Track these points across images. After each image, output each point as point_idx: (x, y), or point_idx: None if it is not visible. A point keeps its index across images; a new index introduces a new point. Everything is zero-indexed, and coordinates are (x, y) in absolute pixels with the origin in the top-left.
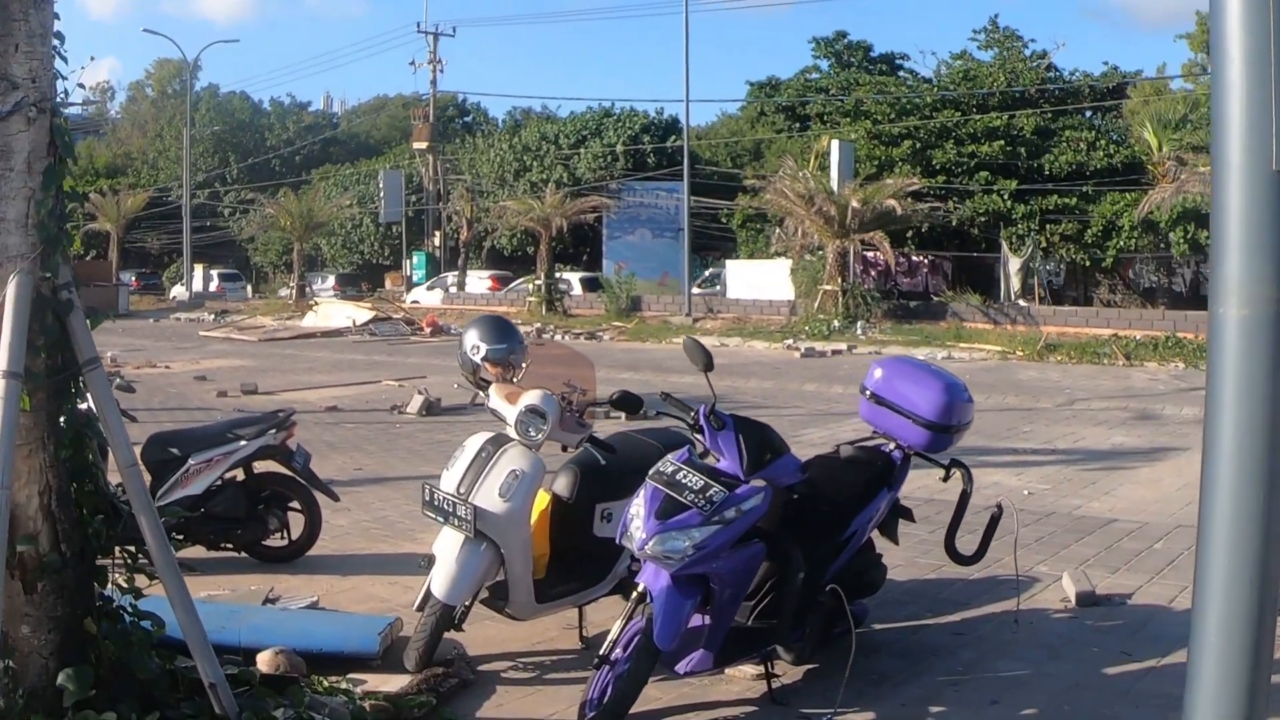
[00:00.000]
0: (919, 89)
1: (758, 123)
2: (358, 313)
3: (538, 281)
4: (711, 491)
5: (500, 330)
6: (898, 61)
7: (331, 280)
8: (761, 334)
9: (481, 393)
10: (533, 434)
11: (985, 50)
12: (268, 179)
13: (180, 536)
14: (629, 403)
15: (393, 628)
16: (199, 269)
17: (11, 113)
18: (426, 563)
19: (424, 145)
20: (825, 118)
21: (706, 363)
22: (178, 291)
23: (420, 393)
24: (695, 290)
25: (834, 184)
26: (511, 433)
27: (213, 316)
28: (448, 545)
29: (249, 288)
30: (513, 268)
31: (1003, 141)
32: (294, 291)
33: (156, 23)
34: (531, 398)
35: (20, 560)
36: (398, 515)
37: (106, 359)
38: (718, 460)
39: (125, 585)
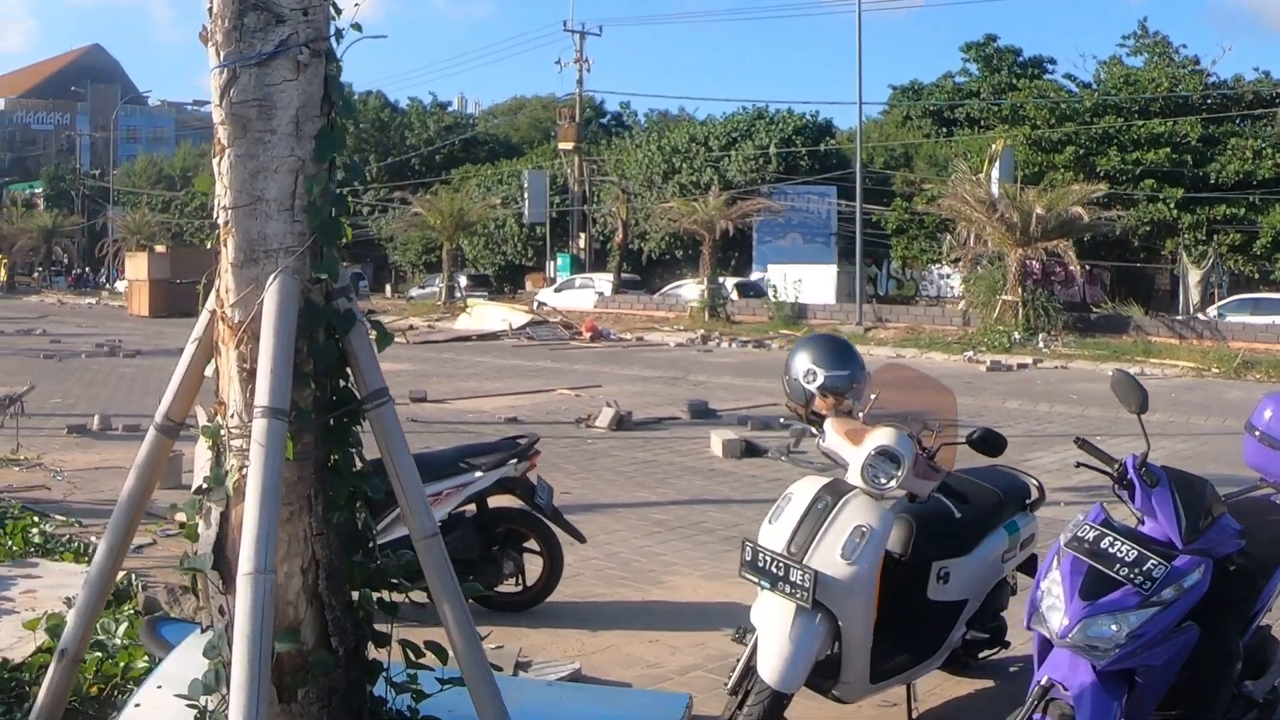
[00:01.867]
0: (1079, 94)
1: (902, 126)
2: (513, 315)
3: (700, 286)
4: (1149, 565)
5: (840, 353)
6: (1047, 66)
7: (463, 281)
8: (939, 345)
9: (814, 429)
10: (883, 482)
11: (1135, 56)
12: (406, 178)
13: (397, 580)
14: (992, 443)
15: (688, 710)
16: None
17: (275, 55)
18: (740, 633)
19: (569, 146)
20: (976, 122)
21: (1141, 403)
22: None
23: (609, 405)
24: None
25: (994, 188)
26: (854, 479)
27: None
28: (775, 617)
29: (388, 287)
30: (658, 272)
31: (1168, 149)
32: (442, 292)
33: None
34: (883, 437)
35: (278, 661)
36: (631, 552)
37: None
38: (1140, 522)
39: (402, 683)
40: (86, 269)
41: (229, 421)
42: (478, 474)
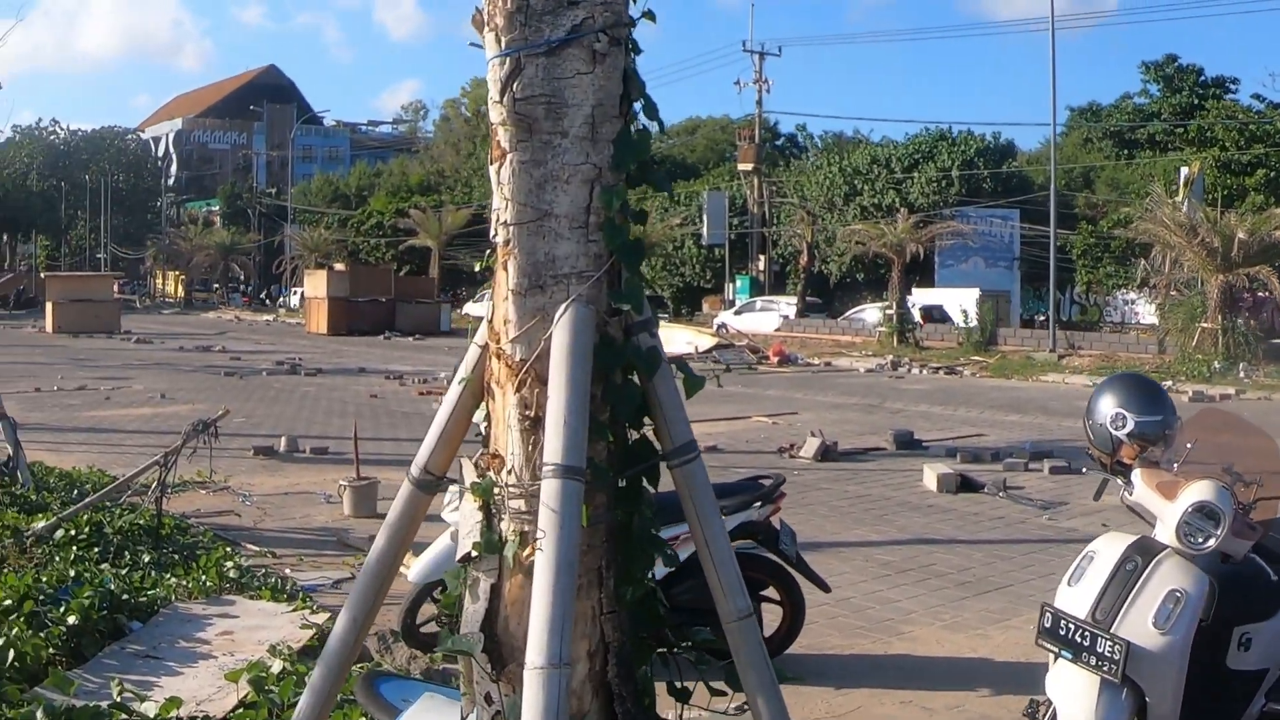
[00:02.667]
0: (1269, 114)
1: (1082, 148)
2: (699, 338)
3: (889, 311)
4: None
5: (1152, 396)
6: (1229, 85)
7: None
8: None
9: (1117, 479)
10: (1200, 541)
11: None
12: None
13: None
14: None
15: None
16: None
17: (567, 42)
18: (1032, 709)
19: (749, 167)
20: (1158, 144)
21: None
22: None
23: (814, 434)
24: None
25: (1189, 211)
26: (1166, 538)
27: None
28: (1075, 690)
29: None
30: (839, 295)
31: None
32: None
33: (446, 43)
34: (1200, 492)
35: None
36: (862, 598)
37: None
38: None
39: None
40: (269, 287)
41: (504, 478)
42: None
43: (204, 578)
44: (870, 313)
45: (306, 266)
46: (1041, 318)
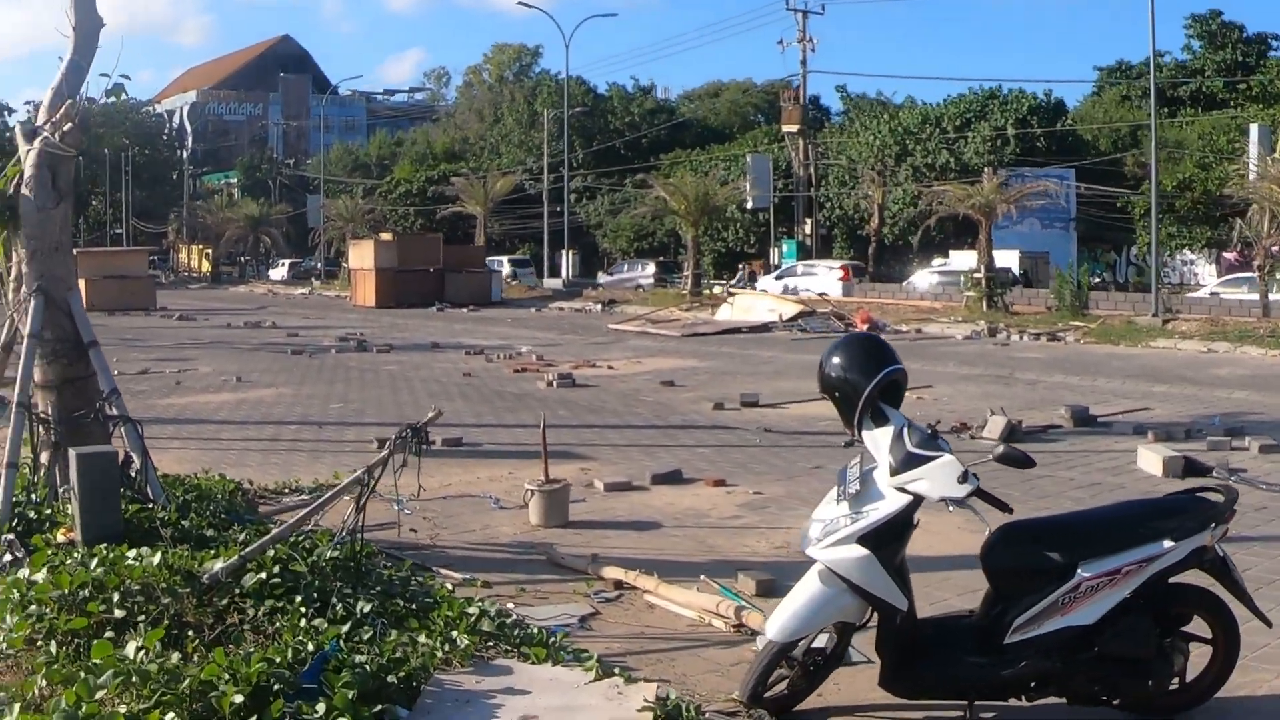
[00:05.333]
0: None
1: (1120, 106)
2: (783, 306)
3: (977, 275)
4: None
5: None
6: (1271, 42)
7: (651, 268)
8: (1250, 338)
9: None
10: None
11: None
12: (613, 164)
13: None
14: None
15: None
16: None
17: None
18: None
19: (794, 128)
20: (1200, 101)
21: None
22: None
23: (994, 412)
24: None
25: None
26: None
27: (600, 306)
28: None
29: (599, 274)
30: (886, 259)
31: None
32: (688, 281)
33: (449, 12)
34: None
35: None
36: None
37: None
38: None
39: None
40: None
41: None
42: (1166, 543)
43: (457, 635)
44: (921, 277)
45: (352, 237)
46: (1096, 280)
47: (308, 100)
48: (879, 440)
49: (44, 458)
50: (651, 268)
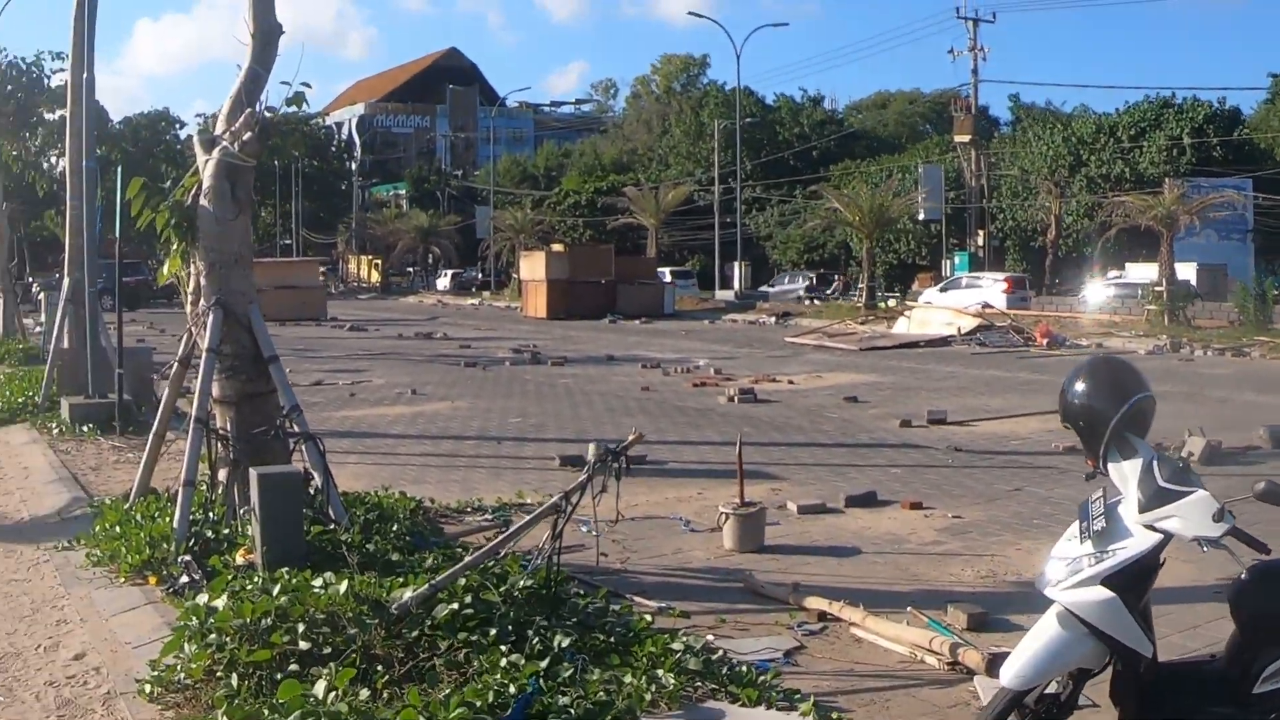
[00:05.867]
0: None
1: None
2: (960, 320)
3: (1158, 288)
4: None
5: None
6: None
7: (800, 282)
8: None
9: None
10: None
11: None
12: (781, 176)
13: None
14: None
15: None
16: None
17: None
18: None
19: (966, 138)
20: None
21: None
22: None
23: (1192, 432)
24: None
25: None
26: None
27: (773, 319)
28: None
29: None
30: (1055, 270)
31: None
32: (863, 294)
33: (612, 24)
34: None
35: None
36: None
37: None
38: None
39: None
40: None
41: None
42: None
43: (662, 674)
44: (1095, 289)
45: (523, 248)
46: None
47: (475, 112)
48: (1126, 473)
49: (222, 475)
50: (810, 280)
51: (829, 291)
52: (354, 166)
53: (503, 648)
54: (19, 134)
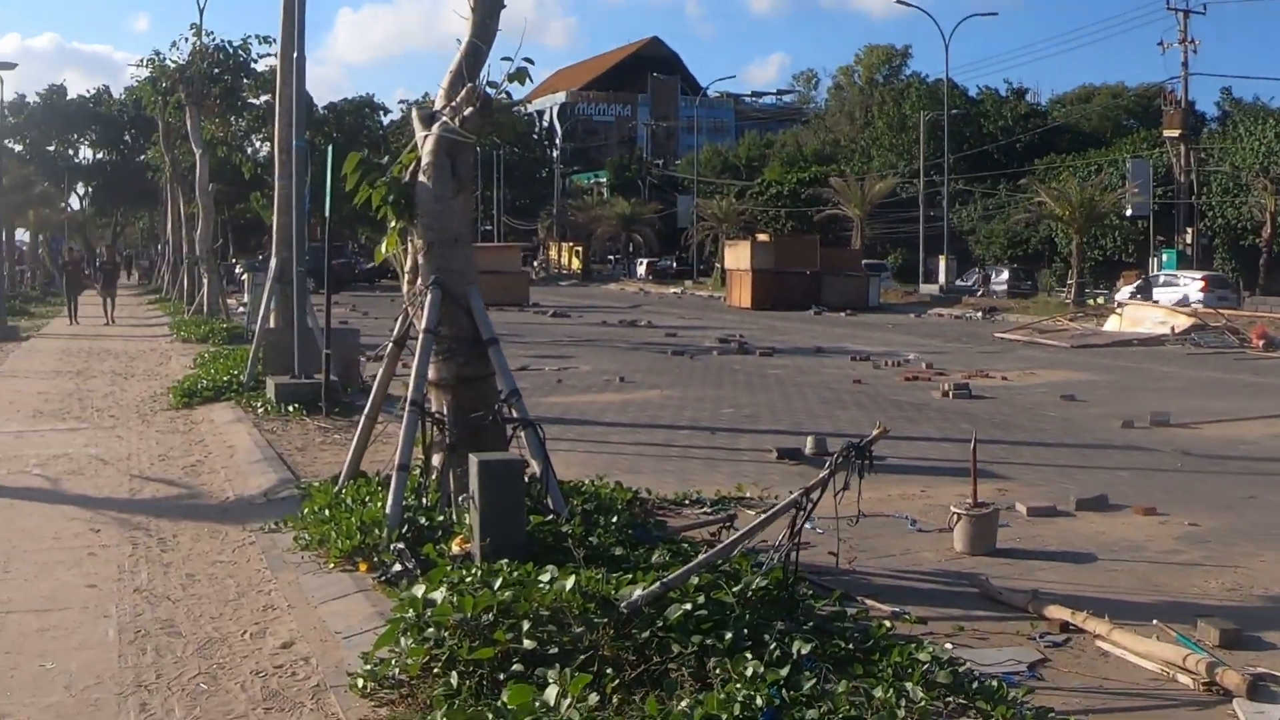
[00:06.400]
0: None
1: None
2: (1174, 319)
3: None
4: None
5: None
6: None
7: (1005, 275)
8: None
9: None
10: None
11: None
12: (985, 169)
13: None
14: None
15: None
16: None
17: None
18: None
19: (1175, 133)
20: None
21: None
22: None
23: None
24: None
25: None
26: None
27: (980, 314)
28: None
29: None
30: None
31: None
32: (1072, 290)
33: (811, 14)
34: None
35: None
36: None
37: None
38: None
39: None
40: (671, 261)
41: None
42: None
43: (908, 685)
44: None
45: (726, 238)
46: None
47: (676, 102)
48: None
49: (436, 460)
50: (1005, 275)
51: (1029, 285)
52: (555, 154)
53: (747, 654)
54: (225, 117)
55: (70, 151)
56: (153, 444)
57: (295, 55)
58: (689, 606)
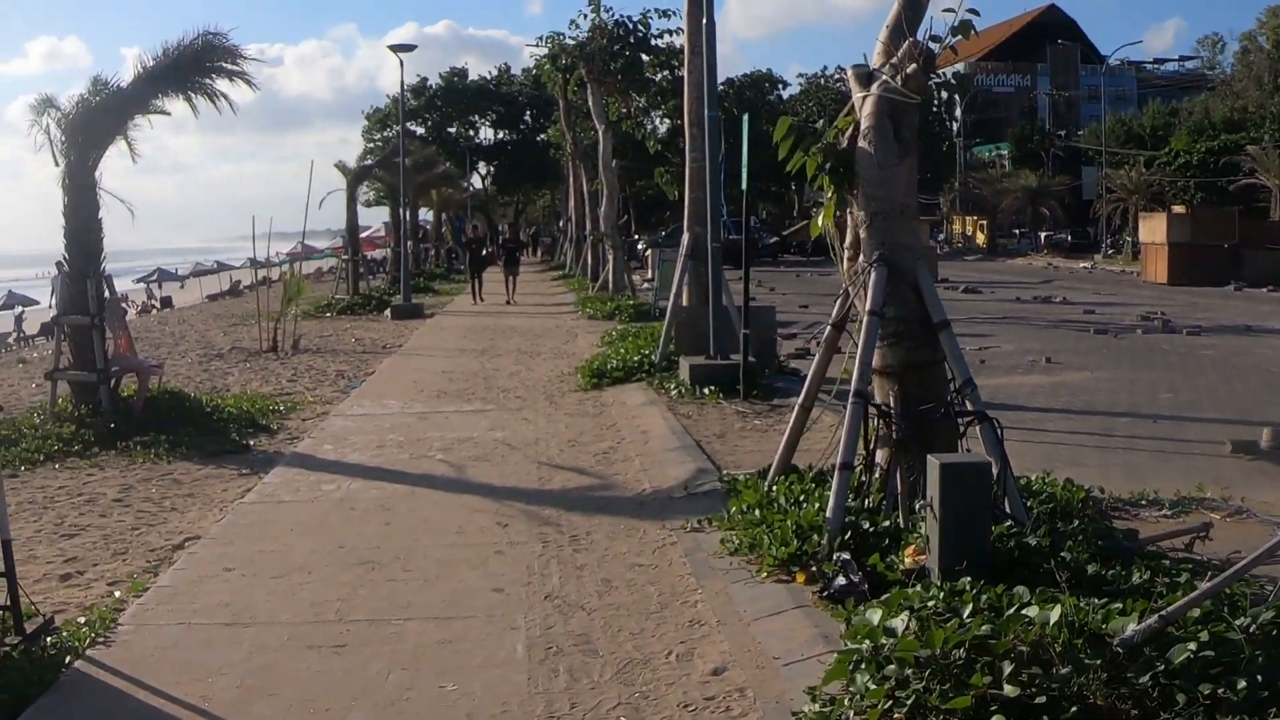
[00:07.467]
0: None
1: None
2: None
3: None
4: None
5: None
6: None
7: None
8: None
9: None
10: None
11: None
12: None
13: None
14: None
15: None
16: None
17: None
18: None
19: None
20: None
21: None
22: None
23: None
24: None
25: None
26: None
27: None
28: None
29: None
30: None
31: None
32: None
33: None
34: None
35: None
36: None
37: None
38: None
39: None
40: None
41: None
42: None
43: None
44: None
45: (1137, 210)
46: None
47: (1076, 70)
48: None
49: (880, 457)
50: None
51: None
52: (955, 126)
53: (1273, 710)
54: (626, 92)
55: (471, 132)
56: (561, 428)
57: (704, 21)
58: (1193, 646)
